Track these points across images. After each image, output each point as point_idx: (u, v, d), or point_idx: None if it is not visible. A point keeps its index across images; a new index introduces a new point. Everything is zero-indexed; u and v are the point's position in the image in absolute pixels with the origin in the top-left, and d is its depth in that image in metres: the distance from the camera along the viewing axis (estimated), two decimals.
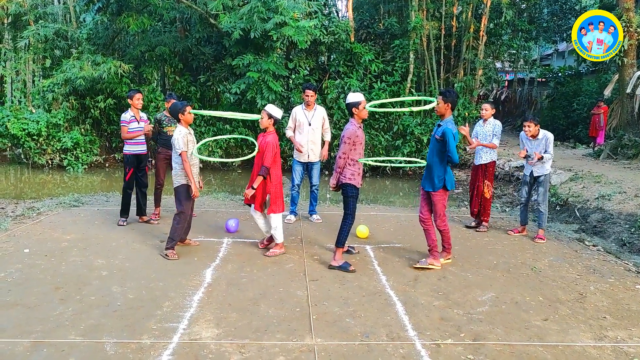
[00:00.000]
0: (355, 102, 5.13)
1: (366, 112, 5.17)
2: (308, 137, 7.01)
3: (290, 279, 4.90)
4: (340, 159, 5.13)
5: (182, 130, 5.36)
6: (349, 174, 5.17)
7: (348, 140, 5.09)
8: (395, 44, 14.81)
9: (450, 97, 5.12)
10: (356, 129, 5.13)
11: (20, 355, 3.32)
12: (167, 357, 3.37)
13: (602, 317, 4.25)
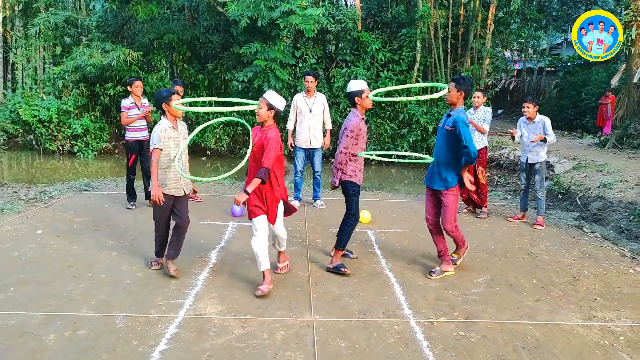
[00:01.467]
0: (357, 91, 4.62)
1: (370, 102, 4.66)
2: (309, 123, 7.13)
3: (292, 261, 5.07)
4: (341, 154, 4.63)
5: (162, 123, 4.42)
6: (350, 170, 4.71)
7: (350, 134, 4.59)
8: (403, 33, 14.82)
9: (464, 84, 4.57)
10: (359, 121, 4.61)
11: (35, 326, 3.53)
12: (173, 330, 3.56)
13: (592, 299, 4.39)
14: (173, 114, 4.43)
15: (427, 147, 13.69)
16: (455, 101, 4.60)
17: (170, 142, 4.41)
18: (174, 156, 4.36)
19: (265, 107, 4.21)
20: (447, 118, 4.60)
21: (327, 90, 13.89)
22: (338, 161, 4.66)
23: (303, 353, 3.33)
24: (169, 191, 4.45)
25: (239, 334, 3.53)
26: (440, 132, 4.68)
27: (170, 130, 4.42)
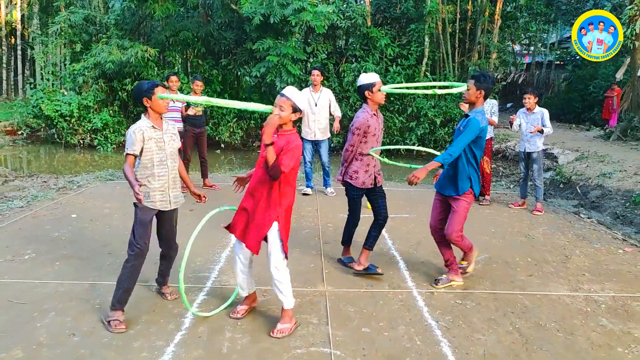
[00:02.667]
0: (368, 84, 4.26)
1: (382, 96, 4.28)
2: (315, 117, 7.47)
3: (306, 242, 5.52)
4: (347, 151, 4.38)
5: (139, 123, 3.57)
6: (352, 171, 4.41)
7: (356, 131, 4.28)
8: (411, 28, 15.18)
9: (485, 82, 4.11)
10: (368, 117, 4.27)
11: (82, 292, 4.03)
12: (202, 297, 4.04)
13: (581, 274, 4.80)
14: (157, 110, 3.58)
15: (435, 140, 14.08)
16: (474, 100, 4.16)
17: (152, 144, 3.56)
18: (158, 160, 3.59)
19: (290, 109, 3.35)
20: (465, 118, 4.19)
21: (338, 85, 14.31)
22: (344, 158, 4.43)
23: (317, 316, 3.79)
24: (153, 204, 3.63)
25: (260, 301, 3.99)
26: (457, 132, 4.26)
27: (150, 130, 3.56)
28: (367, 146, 4.36)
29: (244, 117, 14.75)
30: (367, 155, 4.35)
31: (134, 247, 3.57)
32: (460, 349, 3.38)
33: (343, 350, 3.29)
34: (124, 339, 3.33)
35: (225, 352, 3.21)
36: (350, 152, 4.37)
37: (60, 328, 3.45)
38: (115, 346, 3.23)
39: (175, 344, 3.30)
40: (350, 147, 4.36)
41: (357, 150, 4.36)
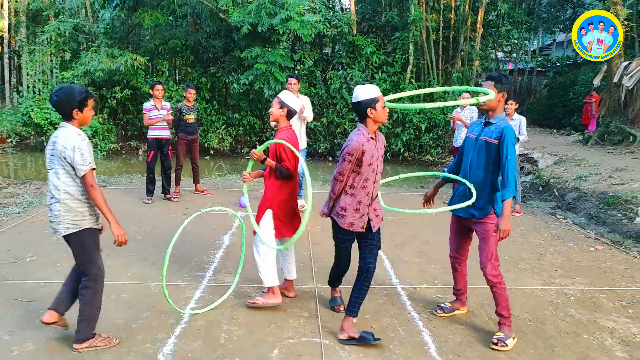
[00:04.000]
0: (369, 100, 3.31)
1: (386, 113, 3.39)
2: (294, 126, 7.36)
3: (296, 243, 5.77)
4: (335, 180, 3.43)
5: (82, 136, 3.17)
6: (339, 207, 3.47)
7: (347, 157, 3.33)
8: (396, 36, 15.57)
9: (507, 84, 3.53)
10: (363, 141, 3.32)
11: None
12: (199, 294, 4.29)
13: (554, 270, 5.12)
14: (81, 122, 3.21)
15: (420, 145, 14.44)
16: (495, 106, 3.51)
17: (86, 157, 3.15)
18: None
19: (277, 105, 3.99)
20: (486, 127, 3.56)
21: (324, 92, 14.63)
22: (332, 188, 3.50)
23: (307, 310, 4.05)
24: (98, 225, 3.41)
25: (254, 297, 4.24)
26: (474, 145, 3.60)
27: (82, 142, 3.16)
28: (360, 179, 3.39)
29: (232, 124, 15.01)
30: (361, 188, 3.40)
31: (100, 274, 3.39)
32: (440, 337, 3.67)
33: (332, 340, 3.56)
34: (127, 333, 3.56)
35: (222, 343, 3.46)
36: (339, 182, 3.41)
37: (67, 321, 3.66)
38: (120, 339, 3.46)
39: (176, 336, 3.54)
40: (339, 175, 3.39)
41: (347, 181, 3.41)
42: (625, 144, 13.00)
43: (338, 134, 14.61)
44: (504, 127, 3.46)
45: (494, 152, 3.48)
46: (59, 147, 3.09)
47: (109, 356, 3.24)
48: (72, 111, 3.12)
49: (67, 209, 3.17)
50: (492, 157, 3.49)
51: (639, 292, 4.57)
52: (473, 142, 3.64)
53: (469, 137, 3.71)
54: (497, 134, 3.46)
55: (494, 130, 3.49)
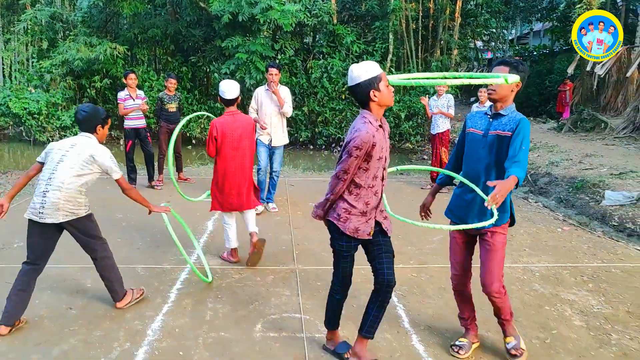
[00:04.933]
0: (371, 80, 2.73)
1: (391, 93, 2.81)
2: (271, 119, 6.60)
3: (278, 227, 5.98)
4: (336, 178, 2.85)
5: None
6: (341, 209, 2.91)
7: (355, 152, 2.75)
8: (376, 26, 15.73)
9: (523, 72, 2.97)
10: (373, 132, 2.76)
11: (74, 274, 4.40)
12: (184, 276, 4.46)
13: (522, 249, 5.41)
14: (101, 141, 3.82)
15: (400, 134, 14.68)
16: (506, 95, 2.98)
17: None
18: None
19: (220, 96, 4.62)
20: (494, 120, 3.03)
21: (305, 81, 14.77)
22: (331, 186, 2.90)
23: (289, 289, 4.26)
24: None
25: (237, 278, 4.44)
26: (483, 142, 3.05)
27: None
28: (368, 176, 2.85)
29: (214, 113, 15.05)
30: (369, 188, 2.87)
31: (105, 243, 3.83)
32: (413, 311, 3.91)
33: (312, 315, 3.78)
34: (117, 311, 3.73)
35: (208, 319, 3.65)
36: (342, 180, 2.82)
37: (57, 303, 3.83)
38: (110, 317, 3.63)
39: (164, 313, 3.72)
40: (342, 173, 2.81)
41: (355, 178, 2.85)
42: (596, 131, 13.43)
43: (319, 122, 14.77)
44: (521, 119, 2.93)
45: (506, 145, 2.93)
46: (90, 152, 3.56)
47: (100, 332, 3.41)
48: (97, 126, 3.69)
49: (68, 199, 3.47)
50: (505, 152, 2.93)
51: (599, 268, 4.87)
52: (480, 139, 3.06)
53: (473, 133, 3.11)
54: (513, 125, 2.92)
55: (508, 123, 2.95)
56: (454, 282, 3.43)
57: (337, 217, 2.93)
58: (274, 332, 3.50)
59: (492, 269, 3.08)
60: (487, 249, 3.10)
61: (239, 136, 4.61)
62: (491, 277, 3.07)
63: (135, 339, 3.34)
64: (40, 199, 3.44)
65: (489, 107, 3.12)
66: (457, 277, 3.41)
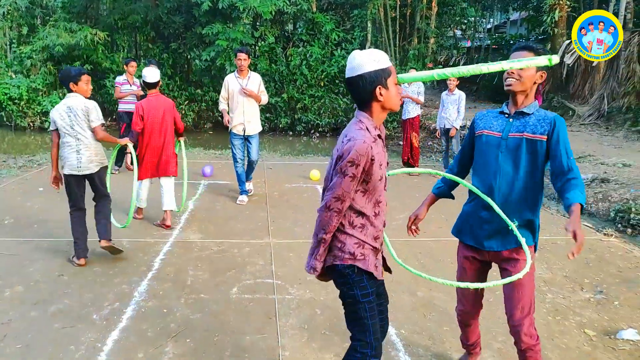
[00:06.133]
0: (379, 73, 2.09)
1: (399, 95, 2.20)
2: (243, 107, 6.26)
3: (254, 206, 6.37)
4: (330, 211, 2.15)
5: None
6: (353, 245, 2.21)
7: (351, 170, 2.09)
8: (355, 14, 16.06)
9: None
10: (371, 142, 2.11)
11: (64, 246, 4.74)
12: (167, 248, 4.83)
13: None
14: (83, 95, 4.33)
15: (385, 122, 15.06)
16: (530, 87, 2.43)
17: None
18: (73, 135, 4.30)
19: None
20: (516, 119, 2.48)
21: (285, 68, 15.06)
22: (321, 225, 2.19)
23: (263, 259, 4.66)
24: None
25: (216, 250, 4.83)
26: (502, 146, 2.49)
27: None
28: (371, 199, 2.21)
29: (195, 100, 15.30)
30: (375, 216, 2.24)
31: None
32: None
33: (283, 280, 4.19)
34: (106, 277, 4.09)
35: (189, 284, 4.04)
36: (336, 212, 2.15)
37: (50, 271, 4.17)
38: (100, 282, 3.99)
39: (149, 279, 4.09)
40: (334, 201, 2.14)
41: (355, 204, 2.18)
42: (565, 118, 13.99)
43: (298, 109, 15.11)
44: (555, 118, 2.40)
45: (542, 152, 2.40)
46: (81, 107, 4.24)
47: (91, 294, 3.78)
48: (69, 84, 4.27)
49: (97, 153, 4.36)
50: (540, 160, 2.41)
51: (546, 241, 5.37)
52: (498, 143, 2.49)
53: (488, 135, 2.54)
54: (547, 126, 2.38)
55: (538, 123, 2.40)
56: (461, 316, 2.85)
57: (352, 257, 2.19)
58: (249, 294, 3.90)
59: (521, 303, 2.49)
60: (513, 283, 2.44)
61: (161, 115, 5.37)
62: (519, 315, 2.49)
63: (124, 299, 3.72)
64: (75, 156, 4.27)
65: (504, 105, 2.54)
66: (464, 313, 2.82)
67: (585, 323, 3.61)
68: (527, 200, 2.47)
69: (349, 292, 2.23)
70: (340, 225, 2.19)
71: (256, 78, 6.41)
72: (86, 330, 3.27)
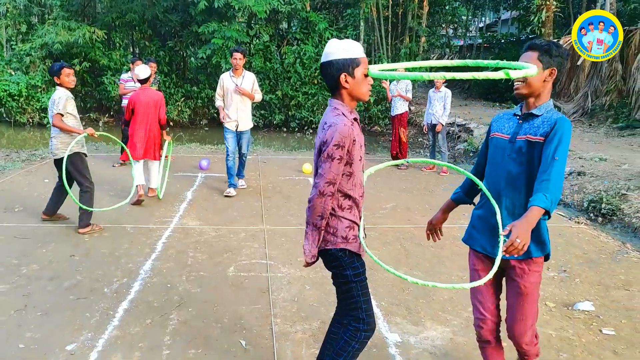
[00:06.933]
0: (346, 61, 2.21)
1: (368, 85, 2.28)
2: (237, 105, 6.62)
3: (249, 197, 6.74)
4: (323, 197, 2.25)
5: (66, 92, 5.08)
6: (345, 228, 2.34)
7: (337, 153, 2.21)
8: (348, 13, 16.45)
9: (558, 56, 2.32)
10: (350, 125, 2.23)
11: (71, 232, 5.09)
12: (168, 233, 5.20)
13: (462, 214, 6.17)
14: (66, 86, 5.06)
15: (369, 117, 15.47)
16: (539, 88, 2.34)
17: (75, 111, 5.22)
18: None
19: None
20: (525, 122, 2.40)
21: (279, 65, 15.42)
22: (316, 212, 2.28)
23: (257, 243, 5.04)
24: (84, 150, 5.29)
25: (214, 235, 5.20)
26: (509, 148, 2.42)
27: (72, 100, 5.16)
28: (355, 182, 2.34)
29: (191, 96, 15.63)
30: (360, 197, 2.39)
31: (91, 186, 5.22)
32: None
33: (275, 261, 4.56)
34: (112, 257, 4.46)
35: (189, 264, 4.41)
36: (329, 196, 2.25)
37: (62, 252, 4.53)
38: (108, 262, 4.36)
39: (152, 259, 4.47)
40: (326, 186, 2.24)
41: (342, 188, 2.31)
42: None
43: (292, 106, 15.47)
44: (557, 119, 2.30)
45: (538, 154, 2.33)
46: (54, 97, 4.99)
47: (101, 271, 4.15)
48: (54, 77, 5.07)
49: (63, 141, 5.00)
50: (537, 162, 2.33)
51: None
52: (505, 145, 2.43)
53: (498, 138, 2.49)
54: (547, 127, 2.30)
55: (541, 125, 2.33)
56: (480, 331, 2.59)
57: (344, 240, 2.32)
58: (244, 272, 4.28)
59: (524, 314, 2.43)
60: (516, 291, 2.43)
61: (148, 106, 6.21)
62: (523, 326, 2.45)
63: (131, 276, 4.09)
64: (50, 142, 5.11)
65: (519, 106, 2.47)
66: (484, 323, 2.56)
67: (547, 297, 4.01)
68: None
69: (343, 273, 2.36)
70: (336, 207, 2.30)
71: (250, 77, 6.73)
72: (99, 300, 3.64)
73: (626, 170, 7.54)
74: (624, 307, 3.84)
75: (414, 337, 3.37)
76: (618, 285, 4.24)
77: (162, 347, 3.10)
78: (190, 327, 3.35)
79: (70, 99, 5.06)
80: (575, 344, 3.31)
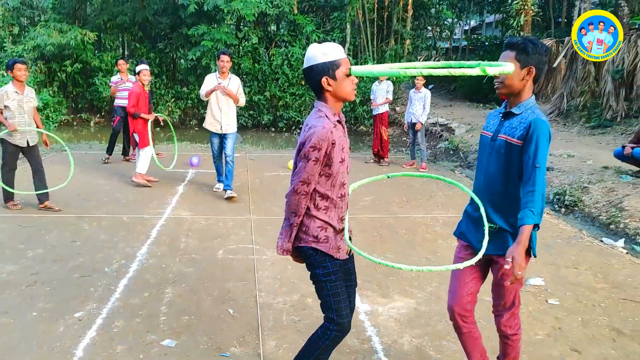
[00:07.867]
0: (326, 64, 2.26)
1: (352, 85, 2.32)
2: (220, 107, 6.65)
3: (237, 190, 7.13)
4: (297, 195, 2.33)
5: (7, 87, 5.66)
6: (317, 228, 2.39)
7: (314, 154, 2.27)
8: (334, 16, 16.92)
9: (536, 54, 2.35)
10: (331, 127, 2.29)
11: (71, 221, 5.48)
12: (162, 222, 5.60)
13: (436, 206, 6.75)
14: (18, 79, 5.57)
15: (355, 117, 15.92)
16: (518, 87, 2.41)
17: (14, 103, 5.59)
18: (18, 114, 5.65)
19: None
20: (505, 120, 2.49)
21: (268, 67, 15.84)
22: (291, 208, 2.37)
23: (245, 230, 5.45)
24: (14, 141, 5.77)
25: (204, 224, 5.61)
26: (490, 147, 2.53)
27: (13, 93, 5.59)
28: (334, 182, 2.38)
29: (181, 97, 16.01)
30: (339, 198, 2.41)
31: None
32: None
33: (262, 246, 4.99)
34: (110, 242, 4.86)
35: (182, 248, 4.83)
36: (303, 195, 2.33)
37: (64, 239, 4.92)
38: (107, 247, 4.76)
39: (148, 244, 4.87)
40: (301, 185, 2.32)
41: (319, 189, 2.36)
42: None
43: (280, 106, 15.90)
44: (532, 120, 2.33)
45: (517, 157, 2.38)
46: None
47: (101, 255, 4.55)
48: (8, 72, 5.66)
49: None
50: (516, 164, 2.39)
51: None
52: (488, 143, 2.53)
53: (483, 135, 2.59)
54: (522, 130, 2.35)
55: (518, 126, 2.39)
56: (456, 319, 2.63)
57: (315, 240, 2.38)
58: (232, 255, 4.70)
59: (505, 299, 2.57)
60: (497, 282, 2.57)
61: (147, 99, 7.34)
62: (501, 309, 2.61)
63: (129, 258, 4.49)
64: None
65: (504, 104, 2.53)
66: (457, 314, 2.62)
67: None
68: (511, 205, 2.40)
69: (314, 272, 2.44)
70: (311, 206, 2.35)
71: (236, 80, 6.78)
72: (101, 278, 4.05)
73: (590, 166, 8.05)
74: (570, 282, 4.31)
75: (382, 307, 3.81)
76: (568, 265, 4.72)
77: (159, 314, 3.52)
78: (183, 299, 3.77)
79: (6, 94, 5.58)
80: (522, 311, 3.77)
